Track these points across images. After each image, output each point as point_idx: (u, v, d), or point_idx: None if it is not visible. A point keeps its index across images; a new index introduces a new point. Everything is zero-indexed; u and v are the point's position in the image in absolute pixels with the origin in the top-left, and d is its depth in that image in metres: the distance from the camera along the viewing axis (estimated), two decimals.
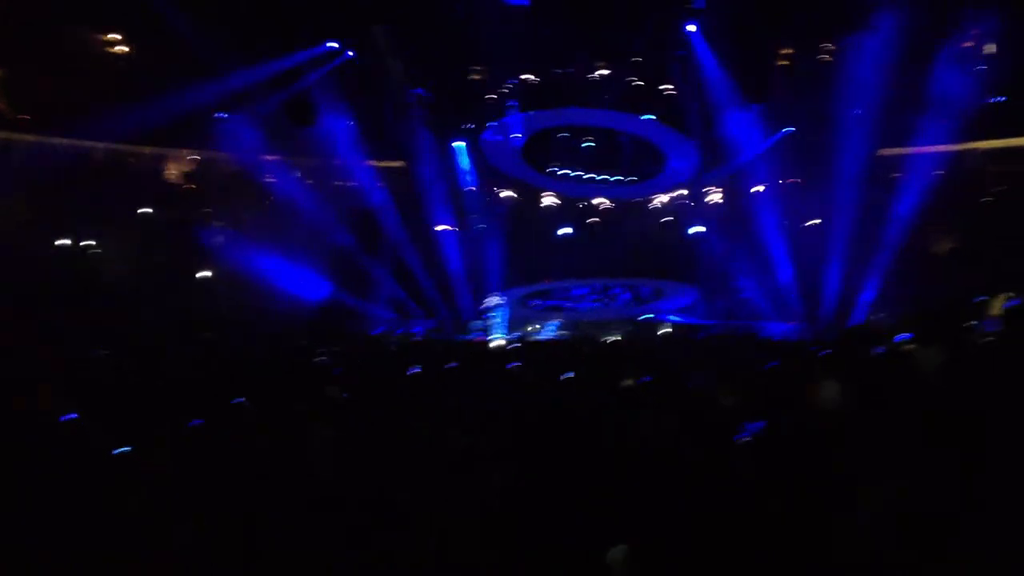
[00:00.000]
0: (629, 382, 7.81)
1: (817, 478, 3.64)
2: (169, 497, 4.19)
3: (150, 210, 25.18)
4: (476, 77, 26.76)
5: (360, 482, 4.23)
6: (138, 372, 10.18)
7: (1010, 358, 4.90)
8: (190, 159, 26.69)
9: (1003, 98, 24.65)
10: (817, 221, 25.41)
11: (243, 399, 6.51)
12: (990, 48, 23.64)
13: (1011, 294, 6.76)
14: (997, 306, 6.52)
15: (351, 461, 4.50)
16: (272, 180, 25.71)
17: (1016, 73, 22.78)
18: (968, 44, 23.66)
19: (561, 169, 27.99)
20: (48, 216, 22.23)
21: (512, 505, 3.79)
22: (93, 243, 23.90)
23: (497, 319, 24.19)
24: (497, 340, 22.14)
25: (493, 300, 24.41)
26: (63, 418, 6.03)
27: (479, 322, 25.71)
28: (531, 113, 26.17)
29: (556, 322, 26.97)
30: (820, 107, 23.83)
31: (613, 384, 7.70)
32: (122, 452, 6.05)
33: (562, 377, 8.02)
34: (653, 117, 26.30)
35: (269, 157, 25.37)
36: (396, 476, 4.17)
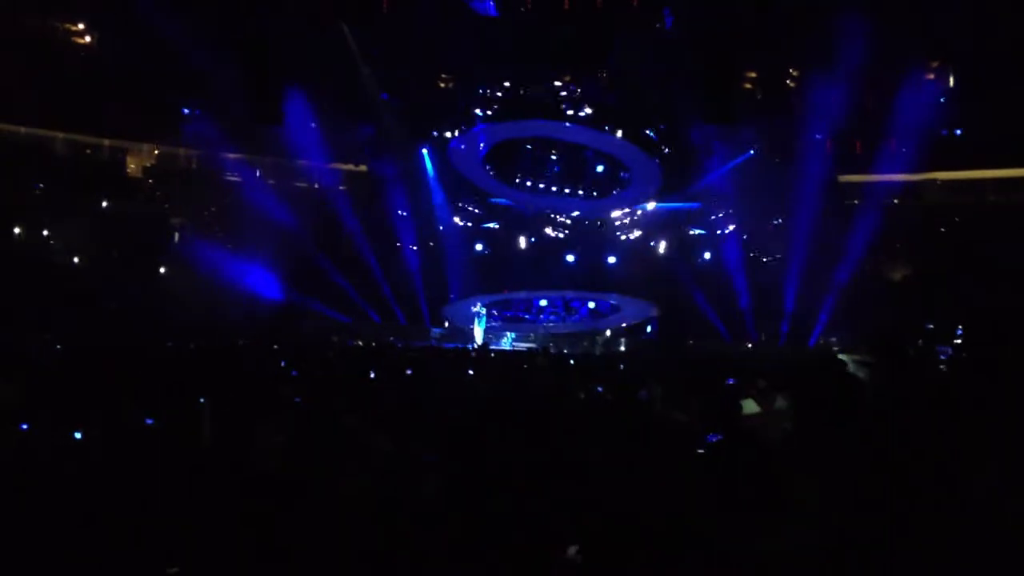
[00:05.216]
0: (581, 395, 7.93)
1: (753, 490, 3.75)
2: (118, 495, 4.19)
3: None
4: (444, 84, 26.83)
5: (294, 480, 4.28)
6: (90, 366, 10.06)
7: (957, 386, 5.01)
8: (152, 153, 26.42)
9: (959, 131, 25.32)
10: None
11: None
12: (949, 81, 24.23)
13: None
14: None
15: (293, 460, 4.56)
16: (234, 178, 25.51)
17: (973, 107, 23.30)
18: (929, 76, 24.23)
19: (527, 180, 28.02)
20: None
21: (438, 510, 3.84)
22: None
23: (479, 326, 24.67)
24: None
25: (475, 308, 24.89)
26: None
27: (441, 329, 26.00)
28: (498, 124, 26.19)
29: (513, 333, 27.11)
30: (783, 132, 24.15)
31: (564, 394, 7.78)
32: None
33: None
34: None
35: (232, 155, 25.17)
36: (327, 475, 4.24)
